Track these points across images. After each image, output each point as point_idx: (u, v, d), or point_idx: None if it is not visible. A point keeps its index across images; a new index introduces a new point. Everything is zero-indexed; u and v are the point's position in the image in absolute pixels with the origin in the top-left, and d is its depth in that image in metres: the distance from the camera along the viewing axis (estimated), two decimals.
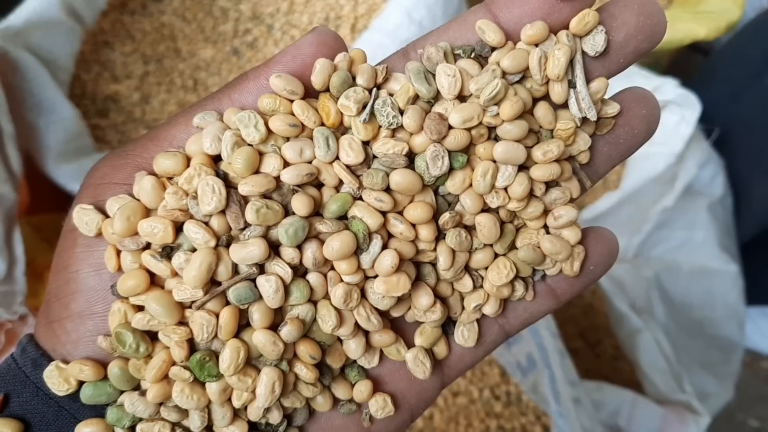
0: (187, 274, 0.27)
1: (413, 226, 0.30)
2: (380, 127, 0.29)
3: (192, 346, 0.28)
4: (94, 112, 0.80)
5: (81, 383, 0.28)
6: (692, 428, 0.77)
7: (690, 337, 0.89)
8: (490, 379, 0.75)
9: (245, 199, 0.28)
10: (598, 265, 0.33)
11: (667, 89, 0.87)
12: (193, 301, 0.28)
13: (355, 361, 0.32)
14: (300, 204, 0.28)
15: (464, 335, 0.32)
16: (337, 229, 0.28)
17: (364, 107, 0.29)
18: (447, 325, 0.33)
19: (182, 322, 0.28)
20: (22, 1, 0.74)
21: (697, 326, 0.90)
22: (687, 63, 1.07)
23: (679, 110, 0.87)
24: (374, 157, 0.29)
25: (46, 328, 0.29)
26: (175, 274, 0.28)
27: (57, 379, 0.28)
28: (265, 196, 0.28)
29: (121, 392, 0.29)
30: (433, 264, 0.31)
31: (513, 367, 0.69)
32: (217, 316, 0.28)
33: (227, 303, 0.28)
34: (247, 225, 0.28)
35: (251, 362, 0.29)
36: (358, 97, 0.29)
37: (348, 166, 0.29)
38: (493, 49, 0.30)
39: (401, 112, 0.29)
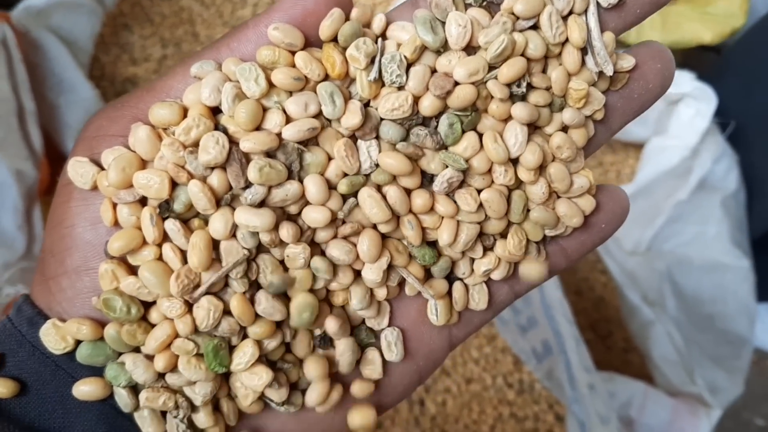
0: (192, 256, 0.27)
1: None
2: (383, 84, 0.28)
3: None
4: (113, 94, 0.80)
5: (78, 342, 0.28)
6: (703, 420, 0.77)
7: (701, 331, 0.89)
8: (503, 367, 0.75)
9: (246, 157, 0.27)
10: (609, 222, 0.32)
11: (682, 82, 0.87)
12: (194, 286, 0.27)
13: (363, 322, 0.31)
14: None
15: (474, 299, 0.32)
16: (355, 229, 0.28)
17: (372, 61, 0.28)
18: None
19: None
20: None
21: (708, 320, 0.90)
22: (698, 60, 1.07)
23: (695, 103, 0.87)
24: (381, 119, 0.29)
25: (42, 286, 0.29)
26: (163, 237, 0.27)
27: (54, 338, 0.27)
28: (269, 155, 0.27)
29: (119, 354, 0.28)
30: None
31: (527, 353, 0.69)
32: (223, 302, 0.28)
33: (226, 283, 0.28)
34: (248, 184, 0.27)
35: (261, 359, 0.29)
36: (368, 49, 0.28)
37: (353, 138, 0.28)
38: None
39: (408, 66, 0.28)
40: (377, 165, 0.28)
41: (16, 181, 0.61)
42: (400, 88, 0.28)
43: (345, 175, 0.28)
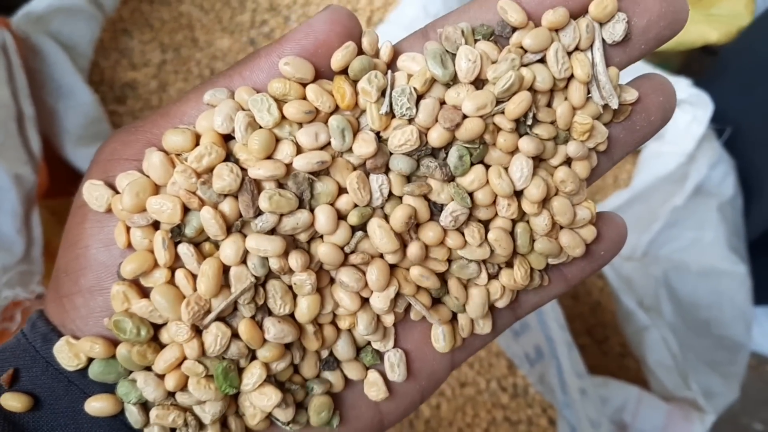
0: (201, 284, 0.27)
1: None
2: (393, 116, 0.29)
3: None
4: (112, 99, 0.81)
5: (91, 359, 0.28)
6: (697, 425, 0.77)
7: (697, 336, 0.89)
8: (497, 371, 0.76)
9: (258, 186, 0.28)
10: (608, 250, 0.33)
11: (679, 88, 0.87)
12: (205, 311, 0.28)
13: (369, 344, 0.32)
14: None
15: (479, 324, 0.33)
16: (365, 260, 0.29)
17: (383, 93, 0.29)
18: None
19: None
20: None
21: (704, 326, 0.90)
22: (698, 64, 1.07)
23: (692, 109, 0.87)
24: (390, 153, 0.29)
25: (56, 304, 0.29)
26: (174, 260, 0.28)
27: (67, 354, 0.28)
28: (280, 184, 0.28)
29: (130, 372, 0.29)
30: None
31: (520, 357, 0.69)
32: (231, 329, 0.28)
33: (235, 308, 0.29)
34: (258, 213, 0.28)
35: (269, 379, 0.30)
36: (379, 83, 0.29)
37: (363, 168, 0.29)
38: (514, 29, 0.30)
39: (418, 99, 0.29)
40: (388, 198, 0.29)
41: (15, 186, 0.62)
42: (410, 120, 0.29)
43: (355, 205, 0.29)
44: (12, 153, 0.63)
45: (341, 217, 0.29)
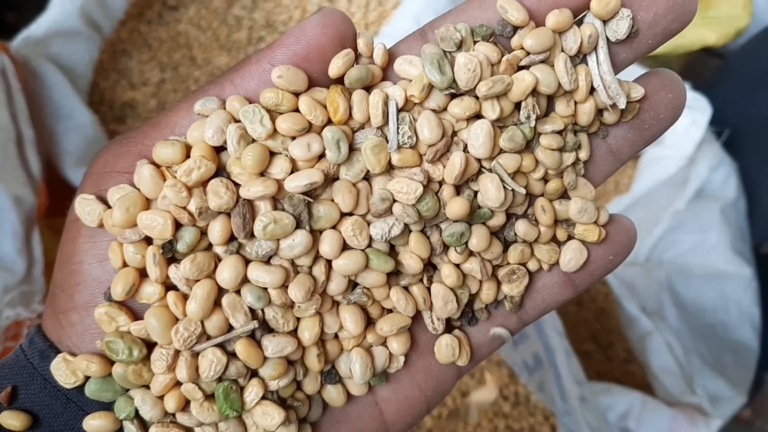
0: (190, 305, 0.27)
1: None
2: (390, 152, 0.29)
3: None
4: (112, 119, 0.82)
5: (88, 376, 0.28)
6: (702, 430, 0.76)
7: (703, 340, 0.88)
8: (499, 380, 0.76)
9: (251, 205, 0.27)
10: (617, 254, 0.32)
11: None
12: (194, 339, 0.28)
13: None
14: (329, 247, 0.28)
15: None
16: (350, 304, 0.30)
17: (383, 114, 0.28)
18: (467, 318, 0.33)
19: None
20: (45, 5, 0.77)
21: (710, 330, 0.89)
22: (702, 66, 1.07)
23: (690, 113, 0.87)
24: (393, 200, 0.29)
25: (52, 320, 0.29)
26: (165, 279, 0.28)
27: (64, 372, 0.28)
28: (276, 203, 0.28)
29: (127, 390, 0.28)
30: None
31: (520, 366, 0.69)
32: (227, 355, 0.28)
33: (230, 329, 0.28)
34: (252, 234, 0.27)
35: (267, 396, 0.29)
36: (383, 109, 0.28)
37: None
38: (515, 29, 0.29)
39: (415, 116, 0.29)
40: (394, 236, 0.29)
41: (15, 207, 0.63)
42: (412, 147, 0.29)
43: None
44: (11, 175, 0.64)
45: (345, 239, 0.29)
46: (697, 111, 0.86)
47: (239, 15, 0.89)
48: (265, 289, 0.28)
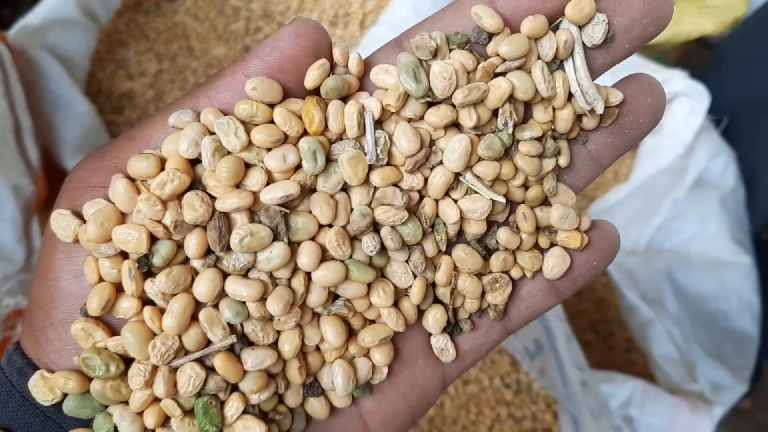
0: (166, 320, 0.27)
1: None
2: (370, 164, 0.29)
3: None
4: (110, 109, 0.82)
5: (66, 393, 0.28)
6: (704, 417, 0.76)
7: (702, 329, 0.88)
8: (501, 368, 0.76)
9: (227, 218, 0.27)
10: (600, 260, 0.32)
11: (675, 81, 0.87)
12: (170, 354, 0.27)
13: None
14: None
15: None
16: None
17: (359, 126, 0.28)
18: (450, 327, 0.33)
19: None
20: (40, 1, 0.76)
21: (710, 319, 0.89)
22: (695, 57, 1.07)
23: (688, 102, 0.87)
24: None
25: (30, 336, 0.29)
26: (141, 293, 0.27)
27: (42, 389, 0.27)
28: (252, 216, 0.28)
29: (105, 406, 0.28)
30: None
31: (521, 352, 0.69)
32: (206, 369, 0.28)
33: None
34: (228, 247, 0.27)
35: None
36: (358, 120, 0.28)
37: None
38: (490, 36, 0.29)
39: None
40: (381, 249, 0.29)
41: (14, 196, 0.63)
42: (388, 164, 0.29)
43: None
44: (10, 164, 0.64)
45: (324, 251, 0.28)
46: (695, 99, 0.86)
47: (236, 5, 0.89)
48: (244, 303, 0.27)
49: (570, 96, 0.30)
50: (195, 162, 0.28)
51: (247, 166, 0.28)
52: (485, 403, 0.74)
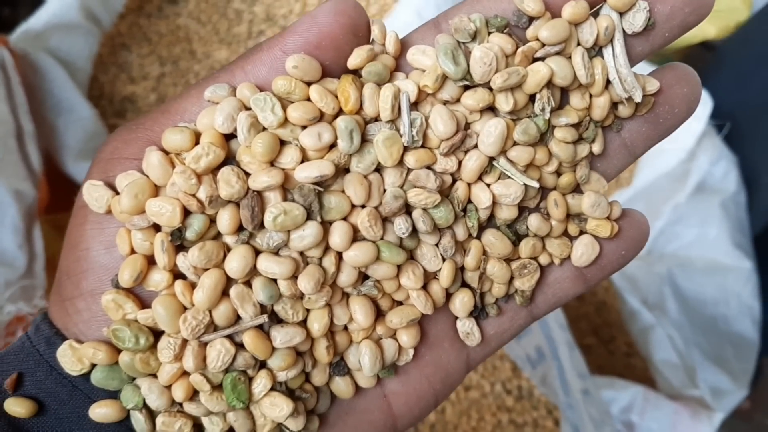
0: (198, 294, 0.26)
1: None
2: (405, 146, 0.28)
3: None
4: (112, 113, 0.81)
5: (94, 364, 0.28)
6: (705, 423, 0.77)
7: (703, 333, 0.88)
8: (502, 374, 0.76)
9: (259, 196, 0.27)
10: (629, 249, 0.32)
11: None
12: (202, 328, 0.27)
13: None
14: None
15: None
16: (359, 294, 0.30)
17: (392, 109, 0.28)
18: (477, 311, 0.32)
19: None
20: (42, 5, 0.76)
21: (711, 323, 0.89)
22: (698, 60, 1.07)
23: None
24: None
25: (59, 306, 0.29)
26: (173, 266, 0.27)
27: (70, 359, 0.27)
28: (286, 194, 0.27)
29: (133, 378, 0.28)
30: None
31: (522, 359, 0.69)
32: (235, 345, 0.27)
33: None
34: (261, 225, 0.27)
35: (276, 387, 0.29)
36: (392, 103, 0.28)
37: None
38: (530, 19, 0.29)
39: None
40: (412, 231, 0.29)
41: (16, 201, 0.62)
42: (422, 146, 0.29)
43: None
44: (12, 169, 0.64)
45: (355, 231, 0.28)
46: None
47: (239, 8, 0.89)
48: (275, 281, 0.27)
49: (607, 83, 0.30)
50: (229, 137, 0.28)
51: (282, 143, 0.27)
52: (486, 409, 0.74)
